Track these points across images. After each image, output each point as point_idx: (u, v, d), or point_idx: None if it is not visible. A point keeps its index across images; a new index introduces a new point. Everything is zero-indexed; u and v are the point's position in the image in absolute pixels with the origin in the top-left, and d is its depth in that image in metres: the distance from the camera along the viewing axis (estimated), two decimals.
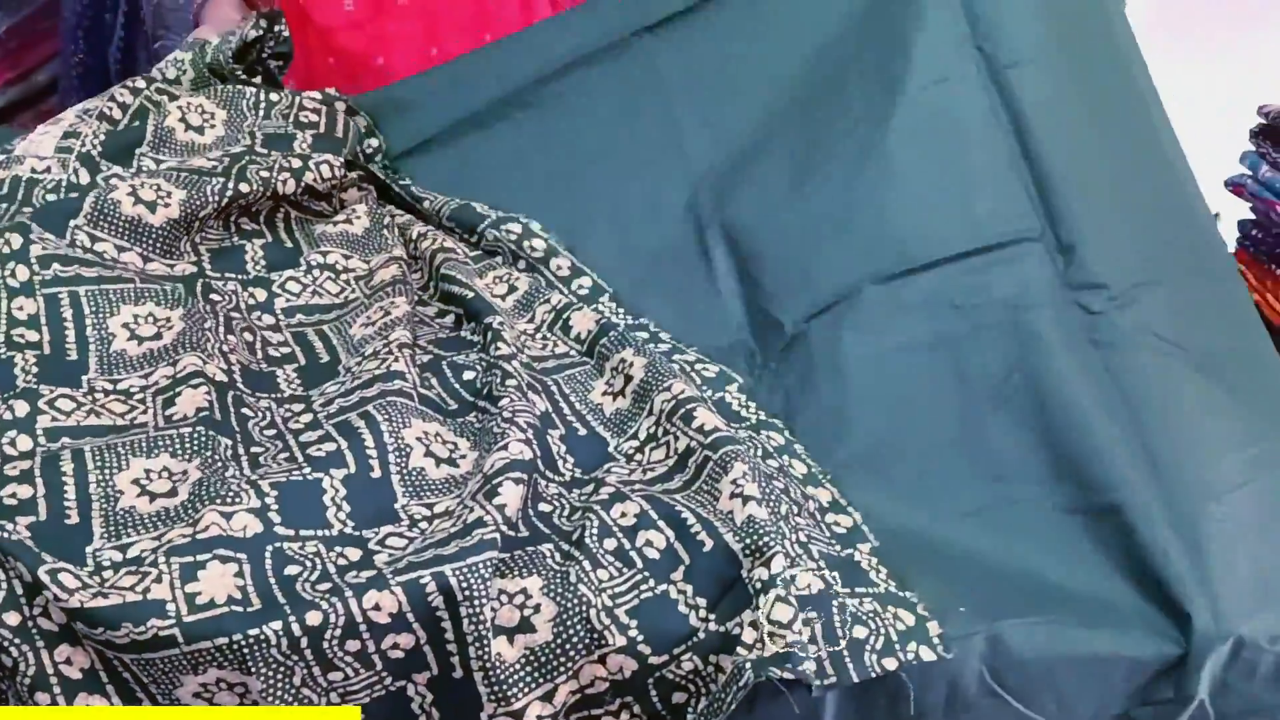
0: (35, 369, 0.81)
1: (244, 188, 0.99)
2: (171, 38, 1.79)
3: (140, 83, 1.10)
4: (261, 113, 1.10)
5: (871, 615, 0.72)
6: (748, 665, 0.66)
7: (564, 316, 0.96)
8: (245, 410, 0.82)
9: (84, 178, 0.97)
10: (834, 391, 0.89)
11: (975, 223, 0.94)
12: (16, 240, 0.88)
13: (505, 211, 1.05)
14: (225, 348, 0.87)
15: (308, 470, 0.76)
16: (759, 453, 0.83)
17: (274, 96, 1.11)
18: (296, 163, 1.03)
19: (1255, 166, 1.10)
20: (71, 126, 1.02)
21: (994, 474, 0.84)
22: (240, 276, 0.98)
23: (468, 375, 0.89)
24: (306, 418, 0.82)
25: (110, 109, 1.04)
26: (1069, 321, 0.89)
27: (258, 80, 1.16)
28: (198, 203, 0.97)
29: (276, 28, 1.18)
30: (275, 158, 1.03)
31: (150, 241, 0.95)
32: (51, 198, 0.94)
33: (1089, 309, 0.89)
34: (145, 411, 0.80)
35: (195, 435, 0.77)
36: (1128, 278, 0.90)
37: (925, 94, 0.98)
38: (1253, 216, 1.12)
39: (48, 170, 0.97)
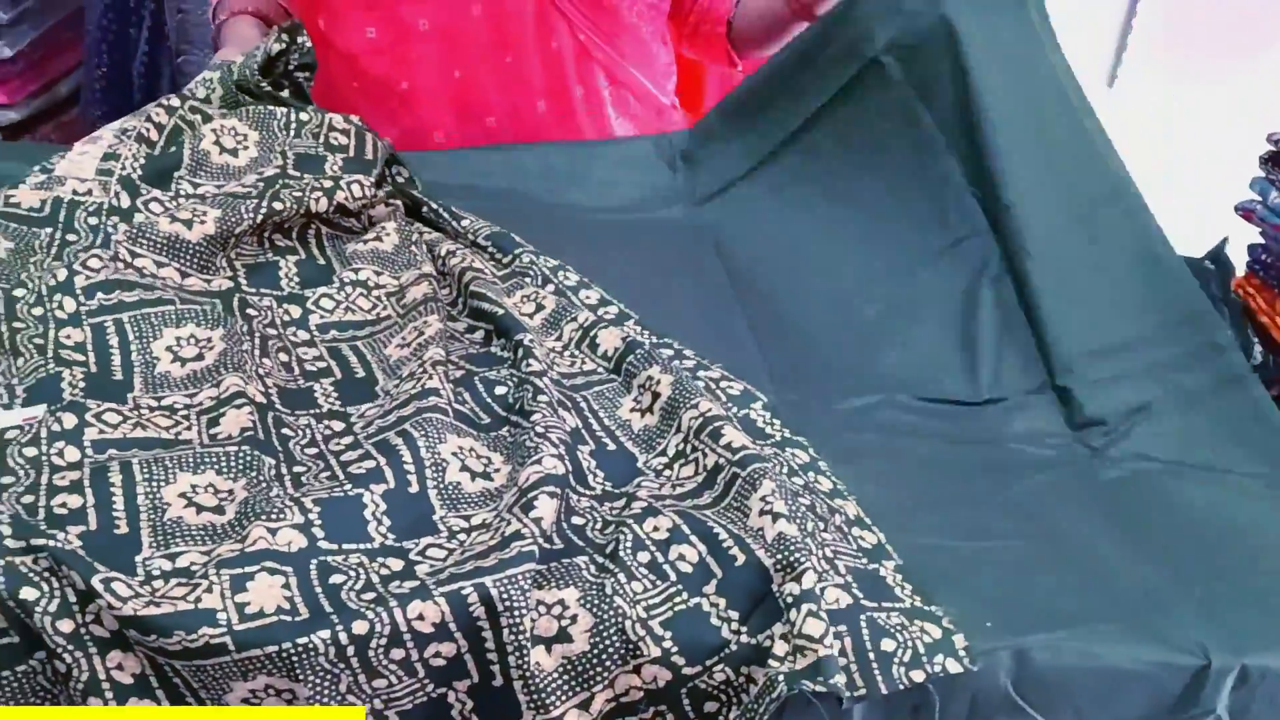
0: (83, 384, 0.84)
1: (278, 205, 1.02)
2: (195, 52, 1.83)
3: (174, 101, 1.12)
4: (292, 132, 1.12)
5: (898, 629, 0.74)
6: (780, 677, 0.68)
7: (591, 334, 0.98)
8: (286, 430, 0.85)
9: (124, 201, 1.00)
10: (848, 453, 0.92)
11: (979, 383, 1.03)
12: (62, 273, 0.92)
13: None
14: (261, 371, 0.89)
15: (348, 487, 0.78)
16: (785, 470, 0.85)
17: (304, 116, 1.14)
18: (328, 183, 1.06)
19: (1265, 192, 1.12)
20: (111, 148, 1.04)
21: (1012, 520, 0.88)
22: (275, 292, 1.00)
23: (499, 390, 0.91)
24: (347, 439, 0.85)
25: (147, 130, 1.07)
26: (1072, 457, 0.96)
27: (285, 93, 1.18)
28: (233, 220, 0.99)
29: (299, 39, 1.20)
30: (308, 180, 1.06)
31: (188, 257, 0.97)
32: (93, 221, 0.98)
33: (1088, 444, 0.97)
34: (190, 428, 0.83)
35: (241, 454, 0.79)
36: (1124, 410, 0.98)
37: (944, 260, 1.09)
38: (1262, 241, 1.14)
39: (89, 193, 1.00)
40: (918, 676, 0.72)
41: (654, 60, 1.48)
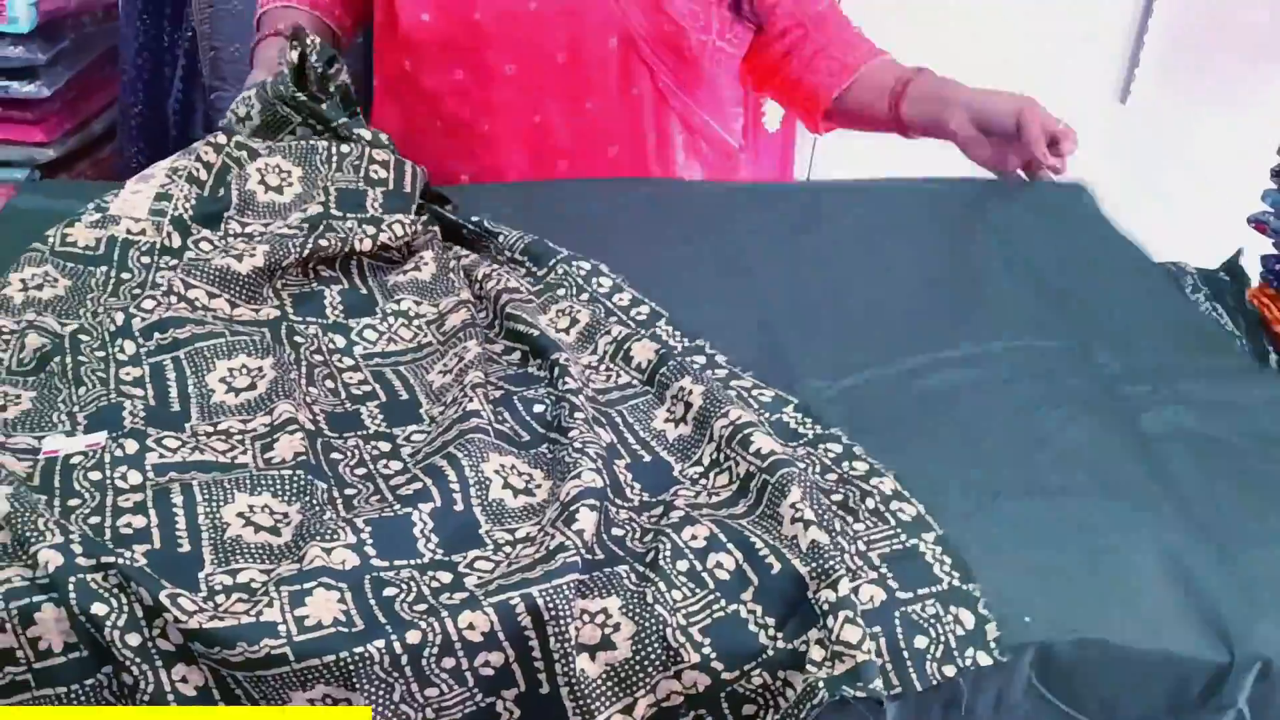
0: (143, 413, 0.88)
1: (323, 243, 1.07)
2: (228, 89, 1.88)
3: (221, 138, 1.17)
4: (334, 165, 1.17)
5: (932, 621, 0.76)
6: (821, 684, 0.71)
7: (625, 347, 1.02)
8: (335, 454, 0.88)
9: (175, 241, 1.06)
10: (883, 425, 0.95)
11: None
12: (120, 318, 0.97)
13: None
14: (308, 399, 0.93)
15: (398, 507, 0.82)
16: (817, 468, 0.88)
17: (344, 149, 1.18)
18: (371, 228, 1.11)
19: (1277, 204, 1.15)
20: (163, 188, 1.10)
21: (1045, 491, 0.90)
22: (320, 320, 1.05)
23: (537, 409, 0.94)
24: (396, 463, 0.88)
25: (197, 170, 1.12)
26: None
27: (331, 97, 1.23)
28: (280, 254, 1.04)
29: (309, 39, 1.24)
30: (351, 223, 1.10)
31: (237, 288, 1.02)
32: (145, 260, 1.03)
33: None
34: (245, 453, 0.87)
35: (295, 478, 0.83)
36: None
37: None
38: (1275, 252, 1.17)
39: (142, 232, 1.06)
40: (949, 671, 0.74)
41: (726, 106, 1.52)
